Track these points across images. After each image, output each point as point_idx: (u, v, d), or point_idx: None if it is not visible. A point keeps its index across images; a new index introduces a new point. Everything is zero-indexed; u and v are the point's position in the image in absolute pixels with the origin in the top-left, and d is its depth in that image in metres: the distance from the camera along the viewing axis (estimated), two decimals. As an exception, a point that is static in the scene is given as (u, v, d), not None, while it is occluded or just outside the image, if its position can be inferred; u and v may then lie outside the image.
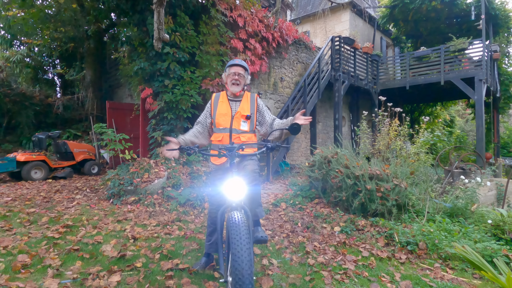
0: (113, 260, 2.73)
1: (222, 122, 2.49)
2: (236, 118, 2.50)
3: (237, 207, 1.98)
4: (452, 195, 4.33)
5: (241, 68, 2.54)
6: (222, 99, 2.58)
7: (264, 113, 2.61)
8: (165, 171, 5.34)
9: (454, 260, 2.91)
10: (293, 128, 2.23)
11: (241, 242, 1.72)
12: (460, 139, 16.26)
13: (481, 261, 1.83)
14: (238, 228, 1.78)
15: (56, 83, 12.62)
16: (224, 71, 2.63)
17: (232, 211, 1.93)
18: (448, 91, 11.54)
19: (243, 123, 2.50)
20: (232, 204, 2.00)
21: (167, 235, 3.50)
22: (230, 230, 1.81)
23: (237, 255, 1.69)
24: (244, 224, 1.82)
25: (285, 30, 8.59)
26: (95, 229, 3.55)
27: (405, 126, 5.50)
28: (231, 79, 2.51)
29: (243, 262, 1.67)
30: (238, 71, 2.51)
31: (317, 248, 3.19)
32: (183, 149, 2.14)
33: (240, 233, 1.76)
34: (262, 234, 2.32)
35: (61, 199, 4.92)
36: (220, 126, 2.49)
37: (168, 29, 6.07)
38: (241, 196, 2.02)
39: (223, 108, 2.52)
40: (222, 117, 2.50)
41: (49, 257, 2.71)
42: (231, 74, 2.52)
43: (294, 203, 4.62)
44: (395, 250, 3.13)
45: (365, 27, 13.98)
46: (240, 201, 2.02)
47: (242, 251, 1.69)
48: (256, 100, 2.62)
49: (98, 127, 6.11)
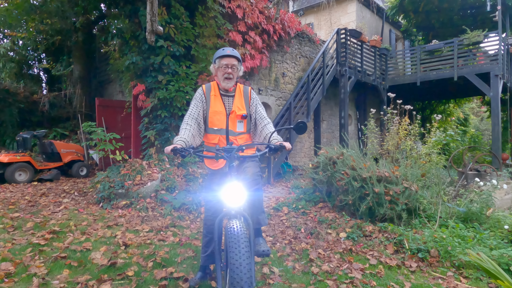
0: (103, 268, 2.73)
1: (216, 121, 2.37)
2: (231, 119, 2.38)
3: (236, 215, 1.93)
4: (466, 198, 4.33)
5: (234, 59, 2.34)
6: (214, 92, 2.42)
7: (259, 112, 2.47)
8: (159, 173, 5.34)
9: (468, 268, 2.91)
10: (299, 126, 2.18)
11: (240, 255, 1.68)
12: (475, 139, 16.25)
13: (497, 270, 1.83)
14: (237, 239, 1.74)
15: (42, 78, 12.62)
16: (213, 62, 2.42)
17: (231, 219, 1.88)
18: (462, 87, 11.53)
19: (239, 124, 2.39)
20: (231, 211, 1.95)
21: (161, 241, 3.50)
22: (229, 242, 1.76)
23: (236, 271, 1.65)
24: (243, 234, 1.78)
25: (287, 22, 8.60)
26: (83, 235, 3.55)
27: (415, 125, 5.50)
28: (223, 73, 2.34)
29: (242, 278, 1.63)
30: (231, 63, 2.33)
31: (321, 255, 3.19)
32: (176, 151, 2.02)
33: (239, 245, 1.72)
34: (264, 248, 2.22)
35: (47, 203, 4.92)
36: (214, 126, 2.37)
37: (161, 21, 6.07)
38: (241, 203, 1.97)
39: (216, 105, 2.38)
40: (216, 115, 2.36)
41: (35, 265, 2.71)
42: (222, 66, 2.34)
43: (297, 208, 4.62)
44: (405, 258, 3.13)
45: (373, 19, 13.98)
46: (240, 208, 1.97)
47: (241, 266, 1.65)
48: (250, 94, 2.48)
49: (87, 126, 6.11)
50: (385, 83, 11.25)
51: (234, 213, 1.94)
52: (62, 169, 7.52)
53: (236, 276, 1.63)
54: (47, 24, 10.19)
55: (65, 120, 10.66)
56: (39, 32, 10.79)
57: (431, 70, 10.65)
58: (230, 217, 1.93)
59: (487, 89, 9.38)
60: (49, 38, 10.96)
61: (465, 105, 17.09)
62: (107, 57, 9.95)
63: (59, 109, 10.67)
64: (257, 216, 2.30)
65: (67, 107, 10.72)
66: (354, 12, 13.12)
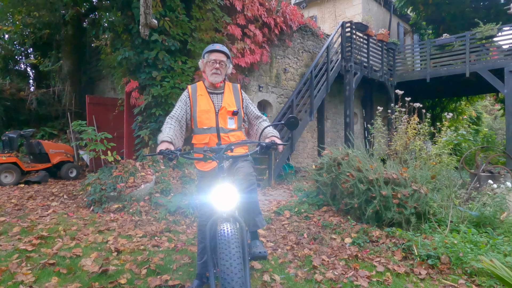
0: (93, 276, 2.73)
1: (205, 120, 2.42)
2: (221, 115, 2.43)
3: (228, 218, 1.94)
4: (478, 202, 4.33)
5: (222, 54, 2.44)
6: (200, 91, 2.50)
7: (252, 112, 2.59)
8: (153, 175, 5.34)
9: (481, 276, 2.91)
10: (290, 122, 2.20)
11: (231, 259, 1.69)
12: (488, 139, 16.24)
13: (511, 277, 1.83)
14: (228, 243, 1.75)
15: (29, 74, 12.61)
16: (202, 57, 2.51)
17: (222, 223, 1.89)
18: (474, 84, 11.53)
19: (230, 120, 2.44)
20: (223, 215, 1.96)
21: (155, 247, 3.50)
22: (219, 246, 1.77)
23: (226, 278, 1.65)
24: (235, 237, 1.79)
25: (289, 15, 8.60)
26: (73, 240, 3.55)
27: (425, 124, 5.50)
28: (211, 68, 2.42)
29: (233, 283, 1.63)
30: (219, 58, 2.42)
31: (325, 262, 3.19)
32: (163, 153, 2.06)
33: (230, 249, 1.73)
34: (261, 249, 2.24)
35: (35, 207, 4.92)
36: (203, 125, 2.42)
37: (156, 14, 6.07)
38: (233, 205, 1.99)
39: (203, 103, 2.45)
40: (205, 114, 2.42)
41: (21, 273, 2.71)
42: (210, 61, 2.43)
43: (299, 211, 4.62)
44: (414, 265, 3.13)
45: (380, 12, 13.98)
46: (232, 211, 1.98)
47: (232, 273, 1.66)
48: (240, 92, 2.58)
49: (77, 124, 6.11)
50: (393, 79, 11.25)
51: (225, 217, 1.96)
52: (50, 171, 7.51)
53: (228, 281, 1.64)
54: (34, 17, 10.18)
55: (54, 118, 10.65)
56: (26, 25, 10.77)
57: (441, 66, 10.65)
58: (221, 220, 1.94)
59: (501, 86, 9.38)
60: (37, 31, 10.95)
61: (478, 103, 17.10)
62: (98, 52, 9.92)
63: (47, 107, 10.66)
64: (253, 218, 2.33)
65: (56, 105, 10.71)
66: (360, 4, 13.12)
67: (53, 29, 10.64)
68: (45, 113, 10.54)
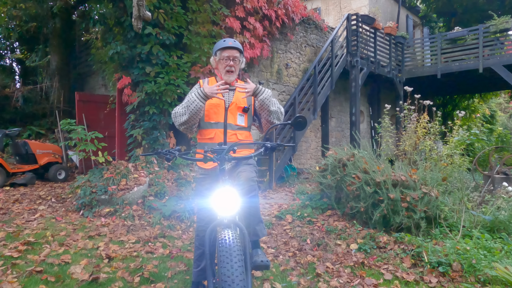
0: (83, 284, 2.74)
1: (213, 115, 2.44)
2: (231, 111, 2.46)
3: (229, 224, 1.93)
4: (492, 205, 4.33)
5: (235, 50, 2.46)
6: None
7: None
8: (147, 177, 5.34)
9: (495, 284, 2.91)
10: (297, 122, 2.21)
11: (233, 270, 1.69)
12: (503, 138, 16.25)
13: (527, 286, 1.83)
14: (230, 252, 1.74)
15: (15, 70, 12.63)
16: (213, 54, 2.53)
17: (223, 229, 1.89)
18: (488, 80, 11.54)
19: (240, 117, 2.46)
20: (223, 220, 1.96)
21: (149, 254, 3.50)
22: (220, 254, 1.77)
23: (229, 287, 1.65)
24: (236, 245, 1.79)
25: (291, 7, 8.60)
26: (61, 246, 3.55)
27: (435, 123, 5.51)
28: (225, 66, 2.44)
29: None
30: (232, 55, 2.44)
31: (329, 269, 3.19)
32: (159, 153, 2.09)
33: (231, 258, 1.72)
34: (263, 258, 2.23)
35: (21, 211, 4.92)
36: (211, 120, 2.45)
37: (150, 5, 6.07)
38: (235, 211, 1.98)
39: (214, 98, 2.45)
40: (213, 108, 2.45)
41: (7, 281, 2.71)
42: (223, 59, 2.45)
43: (302, 216, 4.62)
44: (423, 272, 3.13)
45: (388, 3, 13.99)
46: (234, 217, 1.98)
47: (234, 283, 1.66)
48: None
49: (66, 123, 6.11)
50: (402, 75, 11.25)
51: (227, 222, 1.95)
52: (37, 172, 7.51)
53: None
54: (20, 9, 10.18)
55: (41, 117, 10.64)
56: (11, 18, 10.78)
57: (453, 61, 10.66)
58: (222, 226, 1.93)
59: (517, 82, 9.39)
60: (23, 24, 10.95)
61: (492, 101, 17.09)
62: (88, 46, 9.94)
63: (34, 105, 10.66)
64: (254, 226, 2.32)
65: (43, 102, 10.71)
66: (366, -5, 13.12)
67: (40, 22, 10.63)
68: (32, 111, 10.53)
